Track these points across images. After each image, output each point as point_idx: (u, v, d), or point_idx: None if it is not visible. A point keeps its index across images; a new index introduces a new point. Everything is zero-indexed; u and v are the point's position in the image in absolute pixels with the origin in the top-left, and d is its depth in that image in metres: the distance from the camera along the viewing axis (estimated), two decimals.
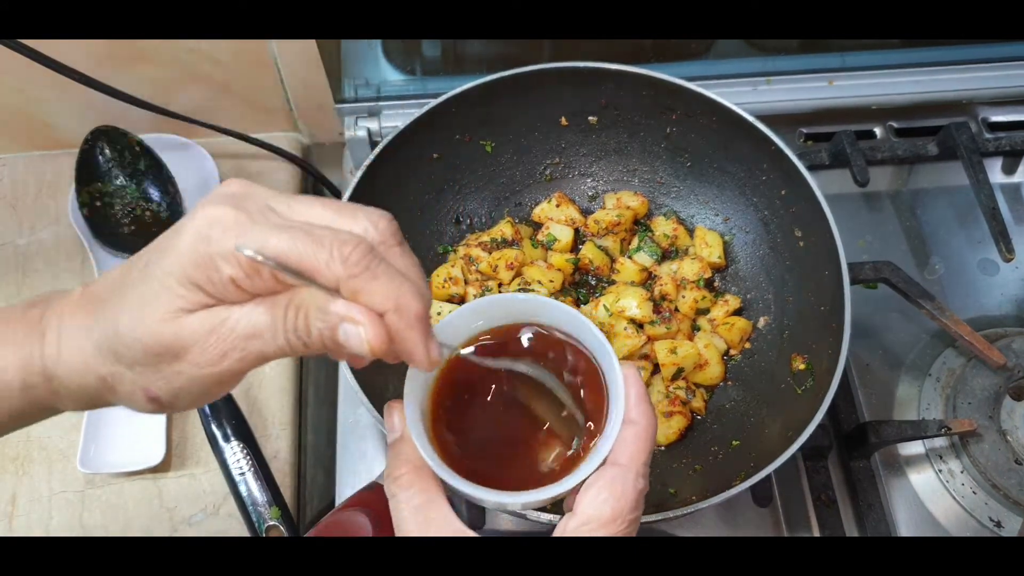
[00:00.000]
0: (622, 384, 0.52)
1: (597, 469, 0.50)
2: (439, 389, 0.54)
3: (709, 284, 0.95)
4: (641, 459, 0.50)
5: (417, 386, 0.52)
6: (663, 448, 0.87)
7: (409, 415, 0.51)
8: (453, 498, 0.52)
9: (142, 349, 0.45)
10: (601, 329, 0.87)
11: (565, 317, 0.56)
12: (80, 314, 0.49)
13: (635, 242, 0.96)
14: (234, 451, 0.85)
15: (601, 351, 0.54)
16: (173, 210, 0.99)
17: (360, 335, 0.43)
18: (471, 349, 0.56)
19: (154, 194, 0.99)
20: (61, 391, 0.50)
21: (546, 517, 0.68)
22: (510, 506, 0.53)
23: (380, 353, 0.44)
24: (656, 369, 0.89)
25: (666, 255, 0.97)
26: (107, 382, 0.48)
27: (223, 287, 0.43)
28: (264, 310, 0.44)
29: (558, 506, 0.55)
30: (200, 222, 0.44)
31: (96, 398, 0.49)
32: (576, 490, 0.51)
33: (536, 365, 0.55)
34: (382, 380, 0.80)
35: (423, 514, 0.50)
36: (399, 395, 0.51)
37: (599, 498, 0.49)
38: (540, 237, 0.96)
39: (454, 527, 0.49)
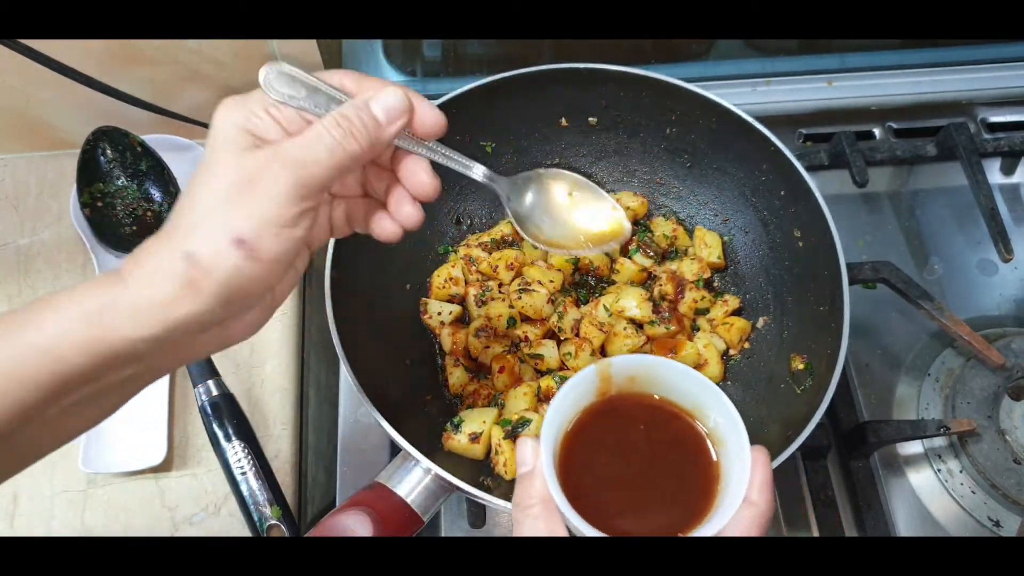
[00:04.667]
0: (749, 462, 0.53)
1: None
2: (570, 436, 0.59)
3: (709, 284, 0.95)
4: None
5: (553, 429, 0.57)
6: None
7: (544, 455, 0.55)
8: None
9: (222, 186, 0.49)
10: (600, 330, 0.89)
11: (696, 386, 0.58)
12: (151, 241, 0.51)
13: (635, 242, 0.96)
14: (235, 450, 0.85)
15: (731, 424, 0.56)
16: None
17: (396, 92, 0.53)
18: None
19: (156, 194, 0.99)
20: (130, 305, 0.48)
21: None
22: None
23: (407, 109, 0.54)
24: None
25: (666, 255, 0.97)
26: (190, 260, 0.48)
27: (265, 122, 0.52)
28: (308, 129, 0.52)
29: None
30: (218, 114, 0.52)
31: (172, 300, 0.48)
32: None
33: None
34: (382, 380, 0.80)
35: None
36: (398, 395, 0.51)
37: None
38: None
39: None
